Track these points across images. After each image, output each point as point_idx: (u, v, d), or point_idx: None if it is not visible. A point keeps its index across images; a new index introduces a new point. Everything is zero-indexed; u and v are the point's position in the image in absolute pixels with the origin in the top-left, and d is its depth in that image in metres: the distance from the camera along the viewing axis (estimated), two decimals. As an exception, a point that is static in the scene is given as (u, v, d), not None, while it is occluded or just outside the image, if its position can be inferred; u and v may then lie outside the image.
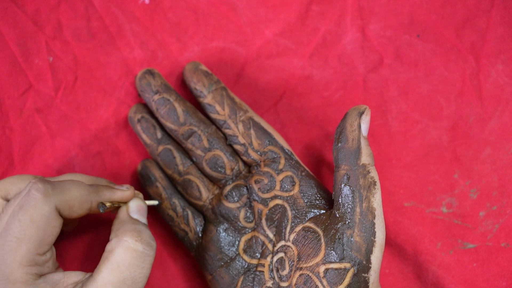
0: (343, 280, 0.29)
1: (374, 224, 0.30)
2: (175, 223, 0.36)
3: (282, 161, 0.34)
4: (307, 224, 0.32)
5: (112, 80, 0.39)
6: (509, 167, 0.37)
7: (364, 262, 0.30)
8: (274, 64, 0.40)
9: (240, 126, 0.35)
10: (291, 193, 0.33)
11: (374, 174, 0.30)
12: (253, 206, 0.34)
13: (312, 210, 0.33)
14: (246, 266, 0.34)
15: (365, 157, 0.30)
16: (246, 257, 0.34)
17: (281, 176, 0.34)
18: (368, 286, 0.30)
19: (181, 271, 0.38)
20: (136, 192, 0.33)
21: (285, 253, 0.32)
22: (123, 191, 0.31)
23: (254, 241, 0.34)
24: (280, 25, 0.39)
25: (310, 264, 0.31)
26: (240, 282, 0.33)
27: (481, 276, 0.36)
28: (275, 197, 0.34)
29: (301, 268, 0.31)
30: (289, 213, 0.33)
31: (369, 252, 0.30)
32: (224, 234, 0.35)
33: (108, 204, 0.29)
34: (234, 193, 0.35)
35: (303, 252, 0.31)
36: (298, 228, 0.32)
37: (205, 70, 0.36)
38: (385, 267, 0.38)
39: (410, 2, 0.39)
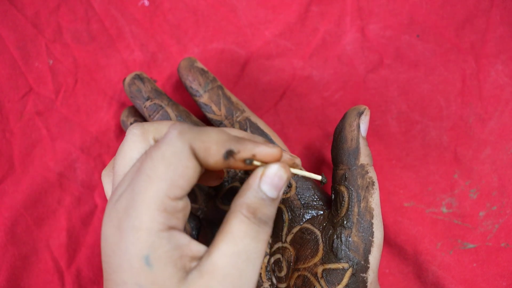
0: (342, 281, 0.30)
1: (372, 224, 0.30)
2: None
3: None
4: (305, 225, 0.32)
5: (112, 82, 0.39)
6: (509, 167, 0.37)
7: (362, 262, 0.30)
8: (274, 64, 0.40)
9: (237, 127, 0.34)
10: (288, 195, 0.33)
11: (372, 174, 0.31)
12: None
13: (309, 211, 0.33)
14: None
15: (364, 157, 0.31)
16: None
17: None
18: (366, 286, 0.30)
19: None
20: (292, 156, 0.28)
21: (282, 254, 0.32)
22: (268, 148, 0.25)
23: None
24: (280, 26, 0.39)
25: (308, 265, 0.31)
26: None
27: (481, 276, 0.36)
28: None
29: (299, 269, 0.31)
30: (286, 215, 0.33)
31: (367, 252, 0.30)
32: None
33: (239, 156, 0.24)
34: (229, 196, 0.35)
35: (300, 253, 0.32)
36: (295, 230, 0.32)
37: (200, 67, 0.35)
38: (385, 267, 0.38)
39: (410, 2, 0.39)
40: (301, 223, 0.33)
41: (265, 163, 0.25)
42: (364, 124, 0.31)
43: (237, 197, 0.25)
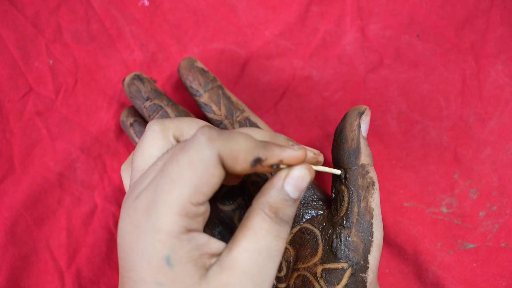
0: (341, 280, 0.30)
1: (372, 224, 0.30)
2: None
3: None
4: (304, 225, 0.32)
5: (112, 82, 0.39)
6: (509, 167, 0.37)
7: (361, 262, 0.30)
8: (274, 64, 0.40)
9: (237, 127, 0.34)
10: None
11: (373, 174, 0.31)
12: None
13: (309, 211, 0.33)
14: None
15: (364, 157, 0.31)
16: None
17: None
18: (366, 286, 0.30)
19: None
20: (316, 153, 0.28)
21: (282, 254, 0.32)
22: (294, 151, 0.25)
23: None
24: (280, 26, 0.39)
25: (308, 264, 0.31)
26: None
27: (481, 276, 0.36)
28: None
29: (298, 269, 0.31)
30: None
31: (366, 252, 0.30)
32: (219, 237, 0.34)
33: (267, 163, 0.25)
34: (229, 196, 0.35)
35: (300, 253, 0.32)
36: (294, 230, 0.33)
37: (200, 67, 0.35)
38: (385, 267, 0.38)
39: (410, 2, 0.39)
40: (301, 223, 0.33)
41: (290, 165, 0.26)
42: (364, 124, 0.31)
43: (259, 195, 0.25)
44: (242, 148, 0.24)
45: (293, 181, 0.25)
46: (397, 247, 0.37)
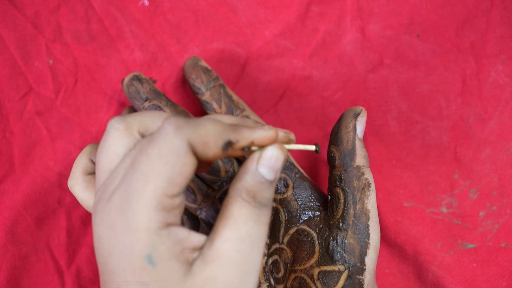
0: (337, 283, 0.30)
1: (368, 226, 0.30)
2: None
3: None
4: (301, 226, 0.32)
5: (112, 82, 0.39)
6: (509, 167, 0.37)
7: (358, 264, 0.29)
8: (274, 64, 0.40)
9: None
10: (285, 196, 0.33)
11: (368, 176, 0.30)
12: None
13: (306, 212, 0.33)
14: None
15: (360, 159, 0.30)
16: None
17: None
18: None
19: None
20: (286, 132, 0.27)
21: (280, 255, 0.32)
22: (264, 131, 0.25)
23: None
24: (280, 26, 0.39)
25: (304, 266, 0.31)
26: None
27: (481, 276, 0.36)
28: None
29: (295, 271, 0.31)
30: (283, 216, 0.33)
31: (363, 254, 0.30)
32: None
33: (238, 145, 0.24)
34: None
35: (297, 255, 0.32)
36: (292, 231, 0.32)
37: (204, 66, 0.35)
38: (385, 267, 0.38)
39: (410, 2, 0.39)
40: (298, 224, 0.32)
41: (262, 146, 0.25)
42: (360, 125, 0.31)
43: (235, 182, 0.25)
44: (211, 133, 0.23)
45: (267, 162, 0.25)
46: (397, 247, 0.37)
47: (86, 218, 0.38)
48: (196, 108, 0.39)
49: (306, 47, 0.40)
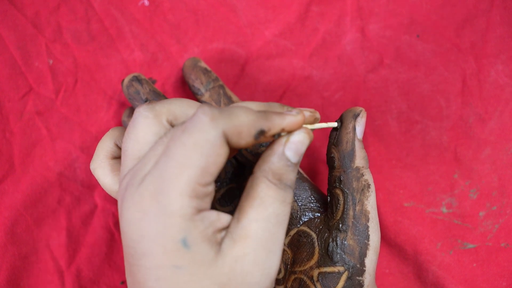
0: (337, 284, 0.29)
1: (368, 227, 0.30)
2: None
3: None
4: (301, 227, 0.32)
5: (112, 82, 0.39)
6: (509, 167, 0.37)
7: (358, 266, 0.29)
8: (274, 64, 0.40)
9: None
10: None
11: (368, 177, 0.30)
12: None
13: (306, 213, 0.33)
14: None
15: (359, 160, 0.30)
16: None
17: None
18: None
19: None
20: (311, 112, 0.28)
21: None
22: (294, 117, 0.26)
23: None
24: (280, 26, 0.39)
25: (304, 268, 0.31)
26: None
27: (481, 276, 0.36)
28: None
29: (295, 272, 0.31)
30: None
31: (363, 255, 0.29)
32: None
33: (270, 133, 0.25)
34: (227, 197, 0.34)
35: (297, 256, 0.31)
36: (292, 232, 0.32)
37: (204, 67, 0.35)
38: (385, 267, 0.38)
39: (410, 2, 0.39)
40: (298, 226, 0.32)
41: (290, 131, 0.26)
42: (360, 126, 0.30)
43: (261, 163, 0.26)
44: (245, 123, 0.24)
45: (294, 146, 0.26)
46: (397, 247, 0.37)
47: (86, 218, 0.38)
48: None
49: (306, 47, 0.40)
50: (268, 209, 0.25)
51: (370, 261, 0.30)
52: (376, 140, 0.39)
